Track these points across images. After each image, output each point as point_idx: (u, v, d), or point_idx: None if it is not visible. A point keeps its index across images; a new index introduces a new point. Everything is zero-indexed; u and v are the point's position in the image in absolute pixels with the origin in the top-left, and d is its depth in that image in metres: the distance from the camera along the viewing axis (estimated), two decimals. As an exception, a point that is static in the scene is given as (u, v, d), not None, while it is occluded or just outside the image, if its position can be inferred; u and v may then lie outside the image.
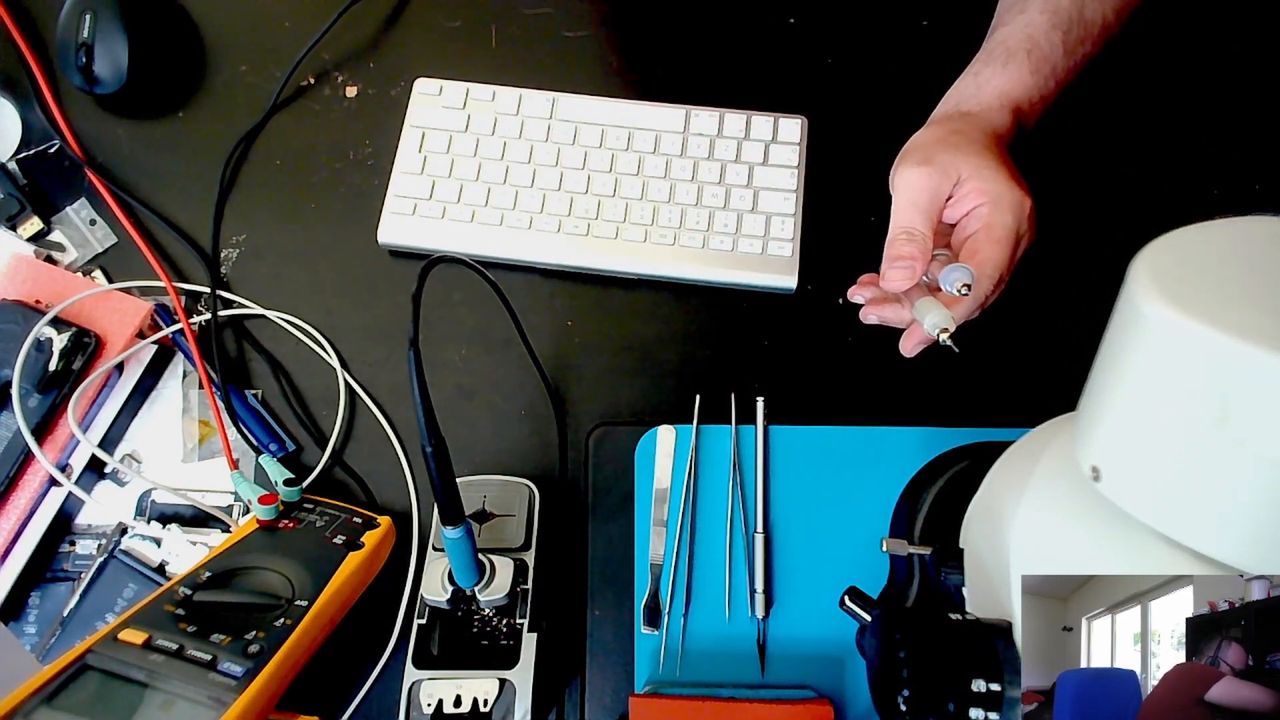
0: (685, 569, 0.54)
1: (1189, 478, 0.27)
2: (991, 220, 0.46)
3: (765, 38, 0.67)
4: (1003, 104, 0.51)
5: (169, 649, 0.41)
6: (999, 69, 0.51)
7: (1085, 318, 0.34)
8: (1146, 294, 0.27)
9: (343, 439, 0.58)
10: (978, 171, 0.47)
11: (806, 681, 0.52)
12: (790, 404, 0.57)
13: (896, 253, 0.46)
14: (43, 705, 0.38)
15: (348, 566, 0.48)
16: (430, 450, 0.38)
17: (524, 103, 0.63)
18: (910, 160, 0.48)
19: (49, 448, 0.54)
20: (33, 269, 0.58)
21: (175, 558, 0.55)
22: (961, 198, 0.47)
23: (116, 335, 0.56)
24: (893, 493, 0.54)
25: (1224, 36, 0.65)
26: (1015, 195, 0.47)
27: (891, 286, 0.46)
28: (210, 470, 0.57)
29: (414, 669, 0.46)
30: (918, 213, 0.46)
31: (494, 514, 0.53)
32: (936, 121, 0.52)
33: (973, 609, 0.39)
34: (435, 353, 0.59)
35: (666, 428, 0.57)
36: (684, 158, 0.61)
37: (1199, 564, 0.28)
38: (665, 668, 0.52)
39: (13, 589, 0.53)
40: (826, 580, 0.53)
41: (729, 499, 0.55)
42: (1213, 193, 0.62)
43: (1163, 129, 0.63)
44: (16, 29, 0.65)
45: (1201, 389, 0.25)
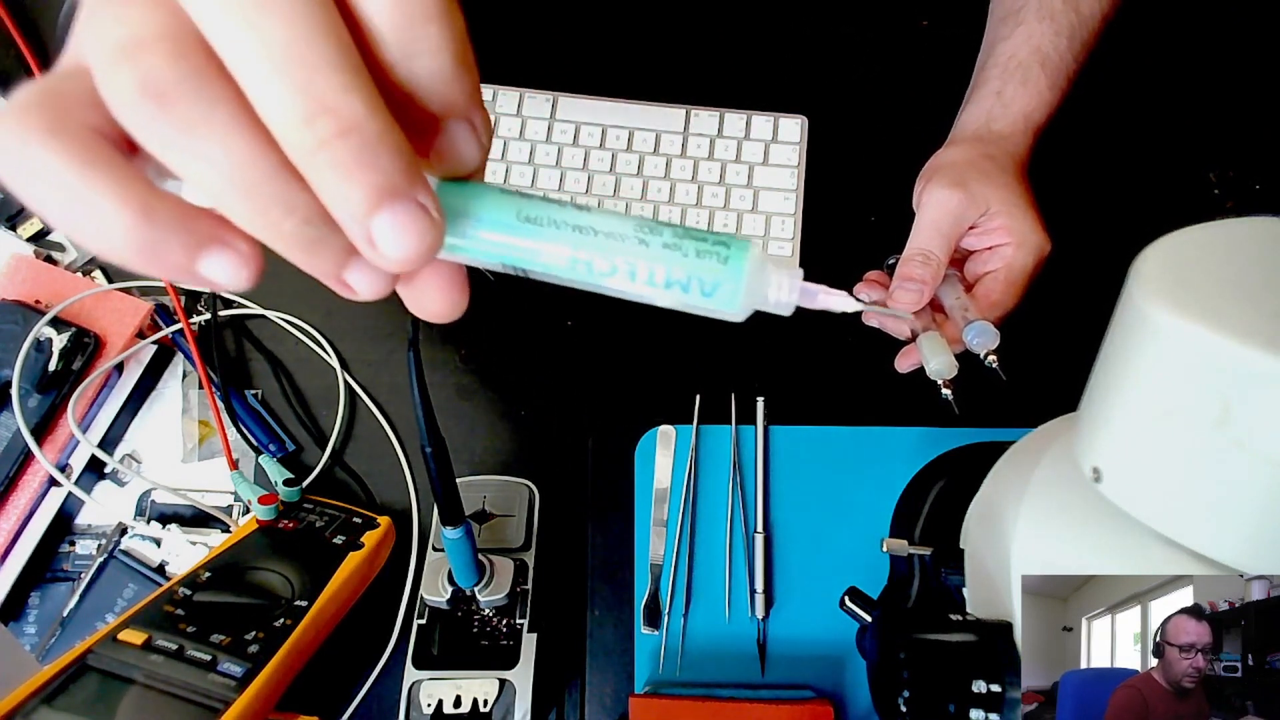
0: (685, 569, 0.54)
1: (1189, 479, 0.27)
2: (1013, 263, 0.47)
3: (765, 38, 0.67)
4: (1026, 126, 0.51)
5: (169, 649, 0.41)
6: (1019, 87, 0.51)
7: (1086, 319, 0.34)
8: (1147, 295, 0.27)
9: (342, 439, 0.58)
10: (1007, 208, 0.47)
11: (806, 681, 0.52)
12: (790, 404, 0.57)
13: (909, 273, 0.46)
14: (43, 705, 0.37)
15: (347, 566, 0.48)
16: (430, 450, 0.38)
17: (524, 103, 0.63)
18: (941, 181, 0.47)
19: (49, 448, 0.54)
20: (33, 269, 0.58)
21: (175, 558, 0.55)
22: (988, 230, 0.47)
23: (116, 335, 0.56)
24: (893, 493, 0.54)
25: (1224, 36, 0.65)
26: (1038, 239, 0.47)
27: (899, 307, 0.46)
28: (210, 470, 0.57)
29: (414, 669, 0.46)
30: (939, 236, 0.46)
31: (494, 514, 0.53)
32: (966, 140, 0.51)
33: (973, 609, 0.39)
34: (435, 353, 0.59)
35: (666, 428, 0.57)
36: (684, 158, 0.61)
37: (1199, 564, 0.28)
38: (665, 668, 0.52)
39: (13, 589, 0.53)
40: (826, 580, 0.53)
41: (729, 499, 0.55)
42: (1213, 193, 0.62)
43: (1163, 129, 0.63)
44: (16, 29, 0.65)
45: (1202, 390, 0.25)
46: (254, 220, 0.18)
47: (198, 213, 0.18)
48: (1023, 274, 0.47)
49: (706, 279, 0.22)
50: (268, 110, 0.17)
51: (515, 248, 0.22)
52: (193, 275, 0.18)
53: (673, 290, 0.22)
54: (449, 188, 0.22)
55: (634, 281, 0.22)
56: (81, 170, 0.17)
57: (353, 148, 0.17)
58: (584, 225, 0.22)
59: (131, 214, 0.17)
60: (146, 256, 0.18)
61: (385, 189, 0.18)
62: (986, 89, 0.52)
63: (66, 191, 0.17)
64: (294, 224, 0.18)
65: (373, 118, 0.17)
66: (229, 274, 0.18)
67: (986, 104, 0.52)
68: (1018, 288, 0.47)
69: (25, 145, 0.17)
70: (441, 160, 0.21)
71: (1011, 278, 0.47)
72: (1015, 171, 0.49)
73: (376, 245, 0.18)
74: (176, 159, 0.17)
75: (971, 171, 0.48)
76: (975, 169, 0.48)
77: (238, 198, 0.18)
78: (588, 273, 0.22)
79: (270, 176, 0.17)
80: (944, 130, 0.54)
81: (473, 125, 0.21)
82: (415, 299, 0.22)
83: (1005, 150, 0.50)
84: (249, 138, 0.17)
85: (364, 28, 0.18)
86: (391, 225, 0.18)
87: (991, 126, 0.51)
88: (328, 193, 0.18)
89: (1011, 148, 0.50)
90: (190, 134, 0.17)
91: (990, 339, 0.44)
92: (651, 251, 0.22)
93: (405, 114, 0.19)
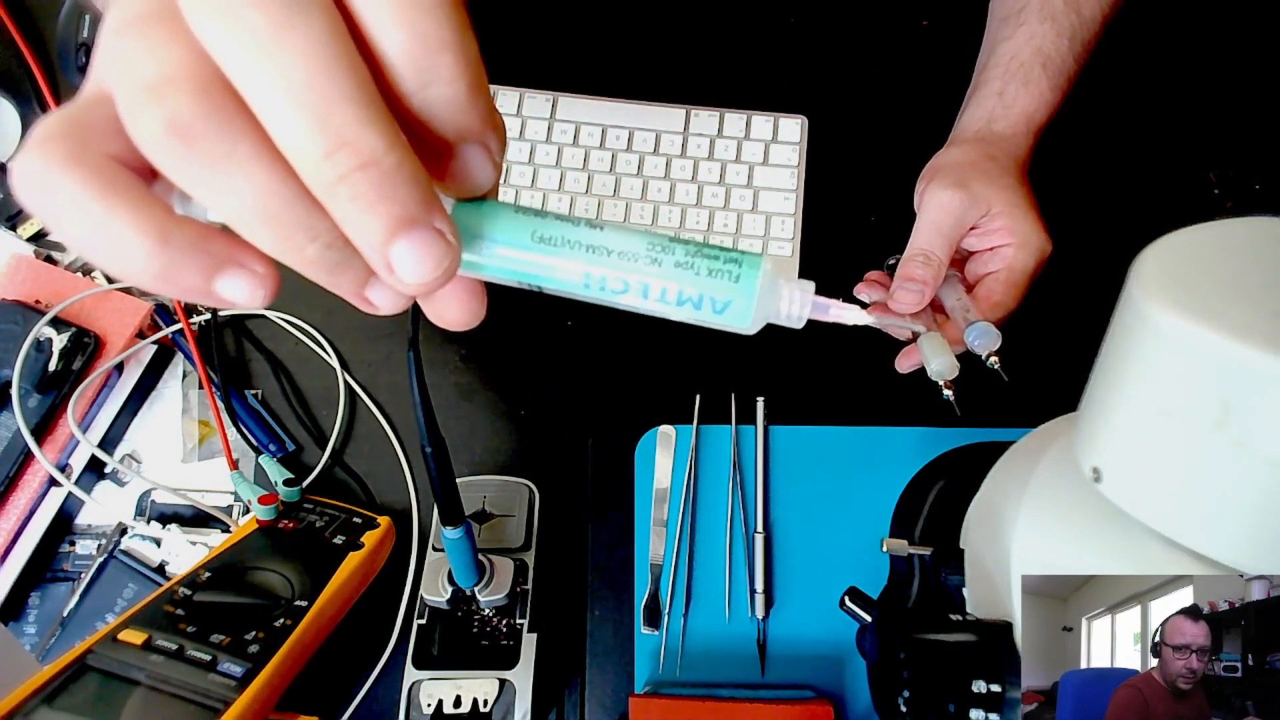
0: (685, 569, 0.54)
1: (1189, 479, 0.27)
2: (1014, 264, 0.47)
3: (765, 38, 0.67)
4: (1028, 128, 0.51)
5: (169, 649, 0.41)
6: (1020, 88, 0.51)
7: (1086, 319, 0.34)
8: (1147, 295, 0.27)
9: (342, 439, 0.58)
10: (1009, 209, 0.47)
11: (806, 681, 0.52)
12: (790, 404, 0.57)
13: (910, 274, 0.46)
14: (43, 705, 0.37)
15: (347, 566, 0.48)
16: (430, 450, 0.38)
17: (524, 103, 0.63)
18: (942, 181, 0.47)
19: (49, 448, 0.54)
20: (33, 269, 0.58)
21: (175, 558, 0.55)
22: (989, 231, 0.47)
23: (116, 335, 0.56)
24: (893, 493, 0.54)
25: (1224, 36, 0.65)
26: (1040, 240, 0.47)
27: (899, 307, 0.47)
28: (210, 470, 0.57)
29: (414, 669, 0.46)
30: (940, 236, 0.46)
31: (494, 514, 0.53)
32: (967, 141, 0.51)
33: (973, 609, 0.39)
34: (435, 353, 0.59)
35: (666, 428, 0.57)
36: (684, 158, 0.61)
37: (1199, 564, 0.28)
38: (665, 668, 0.52)
39: (13, 589, 0.53)
40: (826, 580, 0.53)
41: (729, 499, 0.55)
42: (1213, 193, 0.62)
43: (1163, 129, 0.63)
44: (16, 29, 0.65)
45: (1202, 390, 0.25)
46: (278, 247, 0.19)
47: (214, 235, 0.19)
48: (1024, 275, 0.47)
49: (719, 297, 0.22)
50: (288, 145, 0.17)
51: (530, 265, 0.22)
52: (210, 296, 0.19)
53: (685, 307, 0.22)
54: (464, 209, 0.22)
55: (646, 299, 0.22)
56: (101, 198, 0.18)
57: (371, 180, 0.18)
58: (597, 245, 0.22)
59: (150, 240, 0.18)
60: (164, 280, 0.18)
61: (403, 219, 0.18)
62: (988, 89, 0.52)
63: (87, 218, 0.18)
64: (316, 249, 0.19)
65: (390, 150, 0.18)
66: (246, 294, 0.19)
67: (988, 105, 0.52)
68: (1019, 289, 0.47)
69: (48, 174, 0.18)
70: (457, 182, 0.21)
71: (1012, 279, 0.47)
72: (1016, 172, 0.49)
73: (395, 271, 0.19)
74: (203, 193, 0.18)
75: (973, 172, 0.48)
76: (976, 170, 0.48)
77: (262, 227, 0.18)
78: (601, 290, 0.22)
79: (292, 205, 0.18)
80: (944, 130, 0.54)
81: (487, 148, 0.21)
82: (435, 310, 0.23)
83: (1006, 151, 0.50)
84: (271, 171, 0.18)
85: (380, 58, 0.18)
86: (409, 253, 0.19)
87: (993, 127, 0.51)
88: (348, 223, 0.18)
89: (1013, 149, 0.50)
90: (215, 169, 0.17)
91: (991, 340, 0.44)
92: (664, 270, 0.22)
93: (421, 139, 0.20)
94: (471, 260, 0.22)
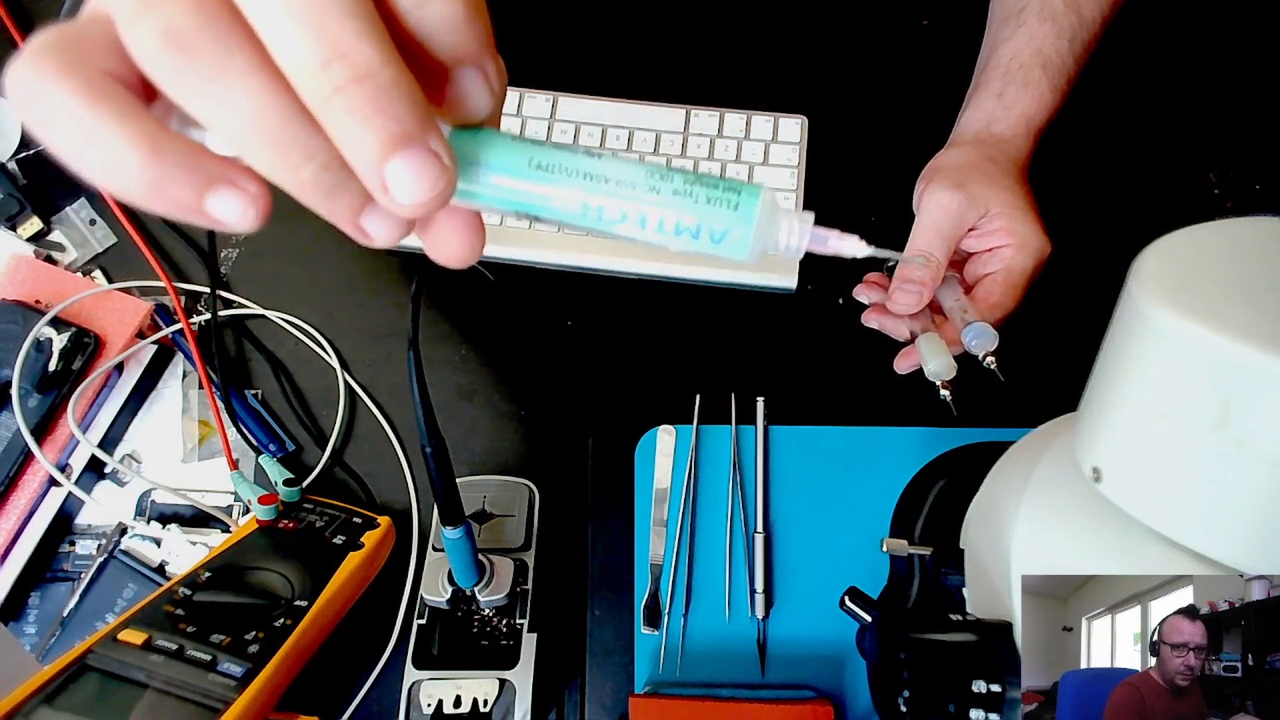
0: (685, 569, 0.54)
1: (1189, 479, 0.27)
2: (1013, 265, 0.47)
3: (765, 38, 0.67)
4: (1028, 129, 0.51)
5: (169, 649, 0.41)
6: (1020, 89, 0.51)
7: (1086, 319, 0.34)
8: (1147, 295, 0.27)
9: (342, 439, 0.58)
10: (1008, 210, 0.47)
11: (806, 681, 0.52)
12: (790, 404, 0.57)
13: (908, 275, 0.46)
14: (43, 705, 0.37)
15: (347, 566, 0.48)
16: (430, 450, 0.39)
17: (524, 103, 0.63)
18: (941, 182, 0.47)
19: (49, 448, 0.54)
20: (33, 269, 0.58)
21: (175, 558, 0.55)
22: (988, 232, 0.47)
23: (116, 335, 0.56)
24: (893, 493, 0.54)
25: (1224, 36, 0.65)
26: (1039, 241, 0.47)
27: (897, 308, 0.47)
28: (210, 470, 0.57)
29: (414, 669, 0.46)
30: (938, 237, 0.46)
31: (494, 514, 0.53)
32: (966, 142, 0.51)
33: (973, 609, 0.39)
34: (435, 353, 0.59)
35: (666, 428, 0.57)
36: (684, 158, 0.61)
37: (1199, 564, 0.28)
38: (665, 668, 0.52)
39: (13, 589, 0.53)
40: (826, 580, 0.53)
41: (729, 499, 0.55)
42: (1213, 193, 0.62)
43: (1163, 129, 0.63)
44: (16, 29, 0.65)
45: (1202, 390, 0.25)
46: (274, 165, 0.19)
47: (206, 152, 0.19)
48: (1022, 276, 0.47)
49: (717, 227, 0.22)
50: (284, 56, 0.17)
51: (526, 194, 0.22)
52: (201, 213, 0.19)
53: (683, 237, 0.22)
54: (461, 135, 0.22)
55: (644, 229, 0.22)
56: (93, 108, 0.17)
57: (367, 94, 0.18)
58: (595, 172, 0.22)
59: (141, 151, 0.18)
60: (156, 194, 0.18)
61: (398, 135, 0.18)
62: (988, 90, 0.52)
63: (78, 128, 0.18)
64: (312, 170, 0.19)
65: (386, 64, 0.18)
66: (237, 212, 0.19)
67: (988, 106, 0.52)
68: (1017, 290, 0.47)
69: (40, 82, 0.17)
70: (454, 108, 0.21)
71: (1011, 280, 0.47)
72: (1016, 174, 0.49)
73: (390, 191, 0.19)
74: (199, 105, 0.18)
75: (972, 173, 0.48)
76: (976, 171, 0.48)
77: (258, 143, 0.18)
78: (598, 220, 0.22)
79: (289, 122, 0.18)
80: (944, 130, 0.54)
81: (484, 73, 0.21)
82: (434, 244, 0.23)
83: (1006, 152, 0.50)
84: (267, 83, 0.18)
85: None
86: (404, 171, 0.18)
87: (992, 129, 0.51)
88: (343, 138, 0.18)
89: (1012, 150, 0.50)
90: (211, 80, 0.17)
91: (989, 340, 0.44)
92: (662, 199, 0.22)
93: (418, 61, 0.20)
94: (467, 189, 0.22)
